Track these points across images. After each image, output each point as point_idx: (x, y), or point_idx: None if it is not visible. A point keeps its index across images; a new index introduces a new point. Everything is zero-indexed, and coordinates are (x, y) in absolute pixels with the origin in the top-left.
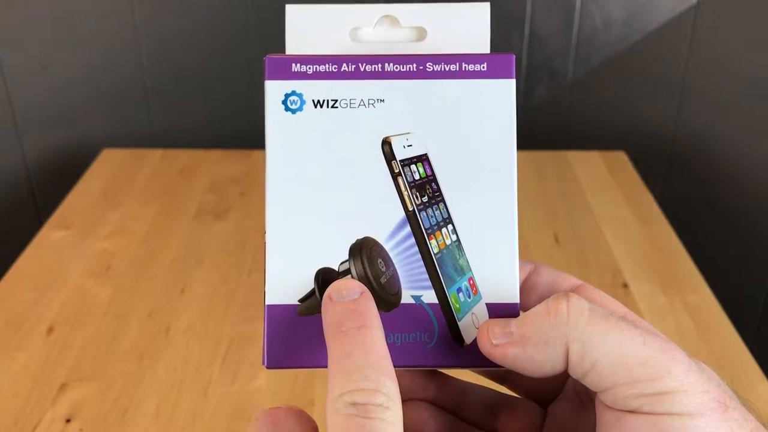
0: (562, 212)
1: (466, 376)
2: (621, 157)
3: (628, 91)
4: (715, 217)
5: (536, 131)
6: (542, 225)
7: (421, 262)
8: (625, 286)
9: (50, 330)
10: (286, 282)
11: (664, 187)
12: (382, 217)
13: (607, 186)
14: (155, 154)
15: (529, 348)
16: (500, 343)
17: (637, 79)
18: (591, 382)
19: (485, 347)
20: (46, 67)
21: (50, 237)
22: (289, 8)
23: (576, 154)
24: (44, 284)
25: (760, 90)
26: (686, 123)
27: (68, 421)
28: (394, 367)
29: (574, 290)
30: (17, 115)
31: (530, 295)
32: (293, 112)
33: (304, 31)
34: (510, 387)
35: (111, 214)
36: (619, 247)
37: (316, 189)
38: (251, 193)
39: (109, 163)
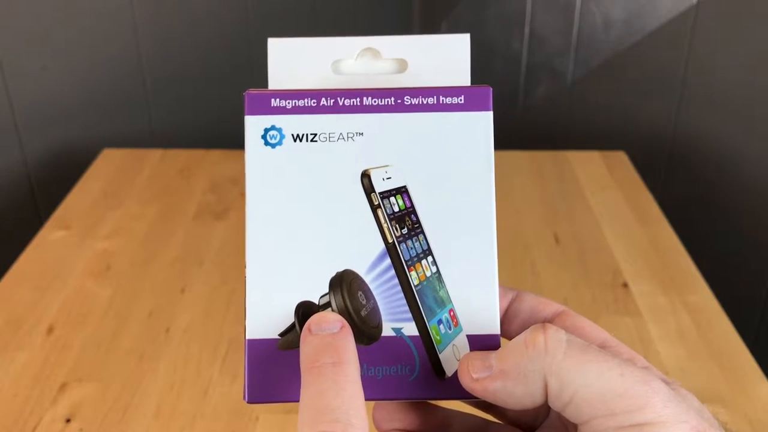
0: (562, 212)
1: (451, 404)
2: (621, 157)
3: (628, 91)
4: (715, 217)
5: (536, 131)
6: (542, 225)
7: (402, 295)
8: (625, 285)
9: (50, 330)
10: (266, 316)
11: (664, 187)
12: (362, 250)
13: (607, 186)
14: (155, 154)
15: (509, 382)
16: (480, 377)
17: (637, 79)
18: (570, 414)
19: (466, 381)
20: (46, 67)
21: (50, 237)
22: (272, 41)
23: (576, 154)
24: (44, 284)
25: (759, 90)
26: (686, 123)
27: (68, 421)
28: (376, 400)
29: (556, 317)
30: (17, 115)
31: (512, 323)
32: (273, 146)
33: (287, 64)
34: (495, 415)
35: (111, 214)
36: (619, 247)
37: (296, 222)
38: None
39: (109, 163)
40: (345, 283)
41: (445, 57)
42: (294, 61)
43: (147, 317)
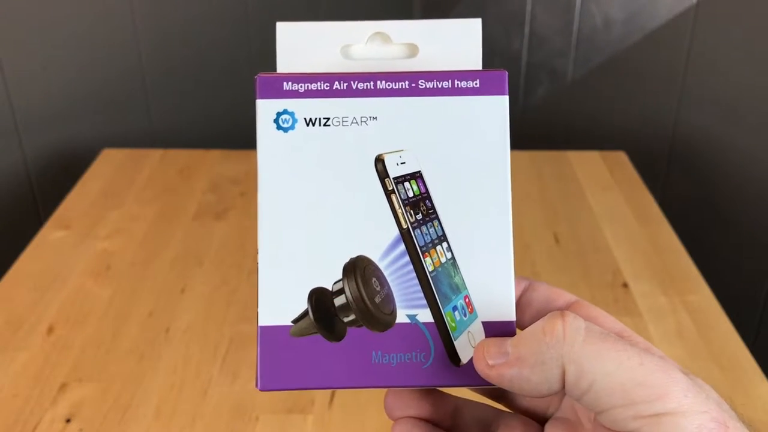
0: (562, 212)
1: (463, 392)
2: (621, 157)
3: (628, 91)
4: (715, 217)
5: (536, 131)
6: (542, 225)
7: (416, 281)
8: (625, 286)
9: (50, 330)
10: (279, 303)
11: (664, 187)
12: (376, 236)
13: (607, 186)
14: (155, 154)
15: (525, 369)
16: (496, 363)
17: (637, 79)
18: (588, 403)
19: (481, 368)
20: (46, 67)
21: (50, 237)
22: (280, 26)
23: (576, 154)
24: (44, 284)
25: (759, 90)
26: (686, 123)
27: (68, 421)
28: (390, 387)
29: (570, 307)
30: (17, 115)
31: (525, 312)
32: (285, 130)
33: (296, 49)
34: (507, 404)
35: (111, 214)
36: (619, 247)
37: (309, 208)
38: (251, 193)
39: (109, 163)
40: (359, 270)
41: (456, 42)
42: (303, 46)
43: (147, 317)
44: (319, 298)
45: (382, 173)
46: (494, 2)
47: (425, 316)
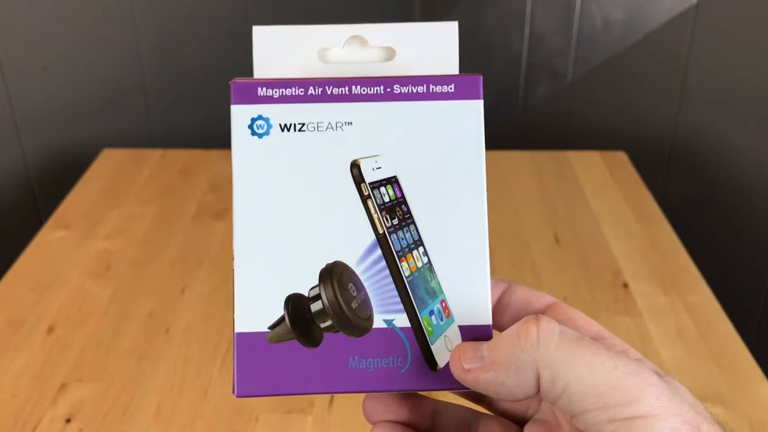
0: (562, 212)
1: (442, 395)
2: (621, 157)
3: (628, 91)
4: (715, 217)
5: (536, 131)
6: (542, 225)
7: (393, 286)
8: (625, 286)
9: (50, 330)
10: (255, 309)
11: (664, 187)
12: (353, 241)
13: (607, 186)
14: (155, 154)
15: (500, 373)
16: (472, 367)
17: (637, 79)
18: (563, 406)
19: (457, 372)
20: (46, 67)
21: (50, 237)
22: (257, 29)
23: (576, 154)
24: (44, 284)
25: (759, 90)
26: (686, 123)
27: (68, 421)
28: (367, 392)
29: (548, 309)
30: (17, 115)
31: (503, 315)
32: (260, 136)
33: (272, 52)
34: (486, 407)
35: (111, 214)
36: (619, 247)
37: (285, 213)
38: None
39: (109, 163)
40: (335, 275)
41: (433, 45)
42: (280, 49)
43: (147, 317)
44: (295, 304)
45: (358, 178)
46: (494, 2)
47: (402, 320)
